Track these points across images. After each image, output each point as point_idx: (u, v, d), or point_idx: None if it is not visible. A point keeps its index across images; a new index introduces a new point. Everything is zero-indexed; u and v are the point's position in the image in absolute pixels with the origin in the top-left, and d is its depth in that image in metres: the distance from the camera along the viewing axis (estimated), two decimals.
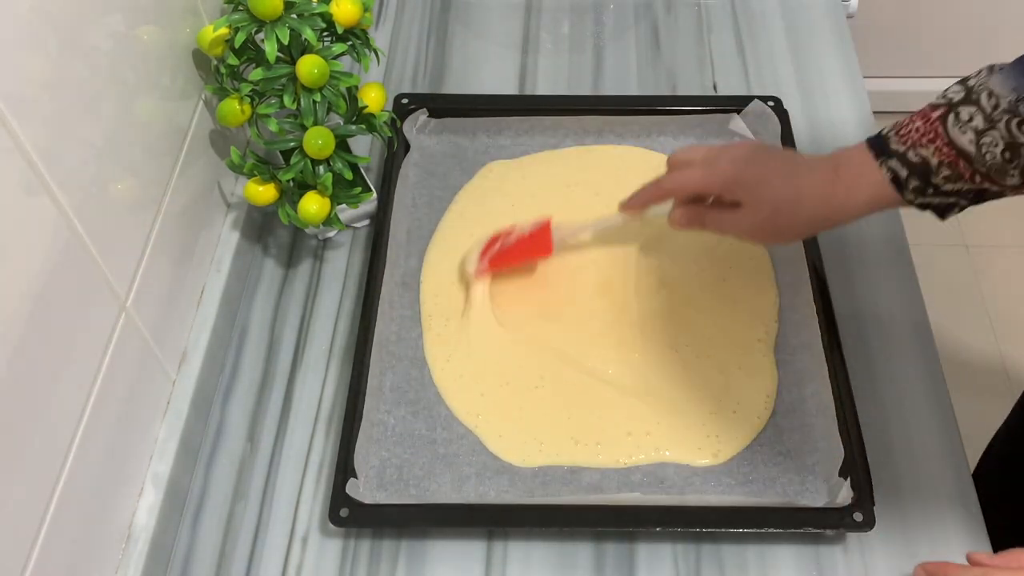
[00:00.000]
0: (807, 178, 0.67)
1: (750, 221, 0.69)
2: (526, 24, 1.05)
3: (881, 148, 0.65)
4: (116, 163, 0.63)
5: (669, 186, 0.73)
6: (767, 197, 0.67)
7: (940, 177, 0.63)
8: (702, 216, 0.72)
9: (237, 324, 0.81)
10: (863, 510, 0.65)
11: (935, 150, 0.63)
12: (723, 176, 0.69)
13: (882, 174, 0.64)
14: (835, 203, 0.66)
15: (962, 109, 0.62)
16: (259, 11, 0.69)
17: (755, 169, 0.68)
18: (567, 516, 0.67)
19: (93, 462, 0.60)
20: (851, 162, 0.66)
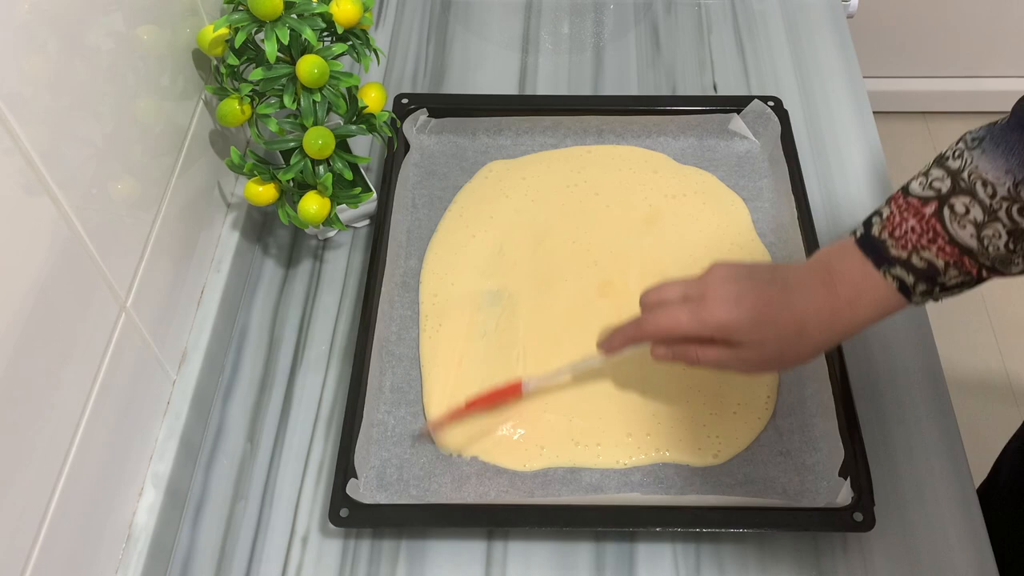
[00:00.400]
0: (807, 304, 0.61)
1: (755, 360, 0.63)
2: (526, 24, 1.05)
3: (880, 255, 0.60)
4: (116, 163, 0.63)
5: (652, 331, 0.66)
6: (770, 336, 0.62)
7: (947, 277, 0.59)
8: (690, 355, 0.64)
9: (237, 324, 0.81)
10: (863, 510, 0.65)
11: (938, 251, 0.59)
12: (716, 322, 0.62)
13: (887, 284, 0.60)
14: (840, 324, 0.62)
15: (955, 201, 0.58)
16: (259, 11, 0.69)
17: (749, 310, 0.61)
18: (567, 516, 0.67)
19: (93, 462, 0.60)
20: (847, 274, 0.61)
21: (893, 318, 0.79)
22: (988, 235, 0.57)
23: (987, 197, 0.57)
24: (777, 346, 0.62)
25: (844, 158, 0.91)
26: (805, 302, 0.61)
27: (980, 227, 0.57)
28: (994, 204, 0.57)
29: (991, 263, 0.58)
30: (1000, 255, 0.58)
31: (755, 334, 0.61)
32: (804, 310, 0.61)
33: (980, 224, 0.57)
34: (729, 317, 0.61)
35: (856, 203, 0.87)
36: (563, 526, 0.68)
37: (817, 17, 1.04)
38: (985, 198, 0.57)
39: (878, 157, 0.91)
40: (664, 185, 0.87)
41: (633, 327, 0.67)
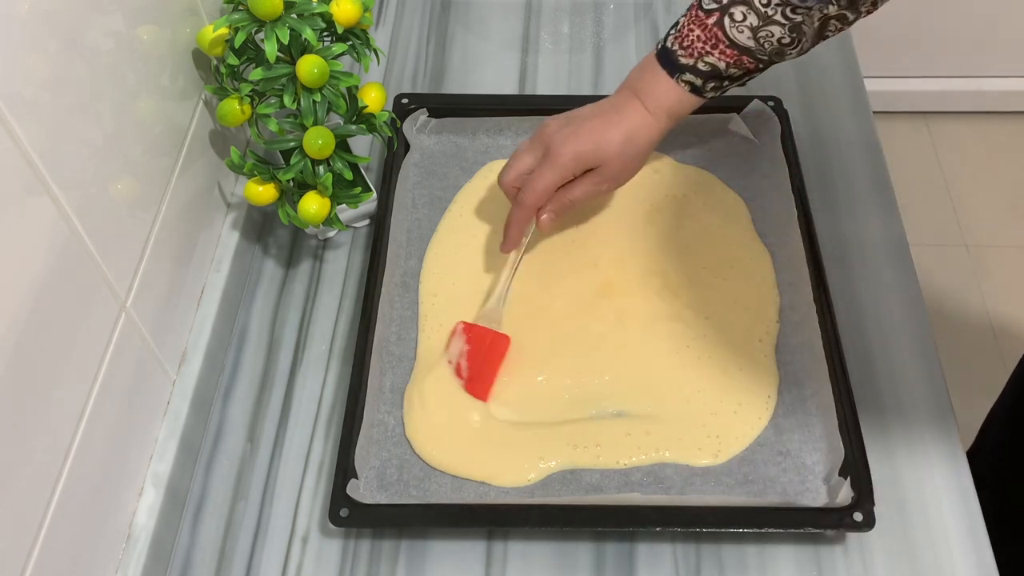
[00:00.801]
0: (625, 119, 0.74)
1: (607, 176, 0.75)
2: (526, 24, 1.05)
3: (673, 65, 0.72)
4: (116, 163, 0.63)
5: (532, 200, 0.75)
6: (610, 152, 0.74)
7: (728, 74, 0.72)
8: (566, 199, 0.76)
9: (237, 324, 0.81)
10: (863, 510, 0.65)
11: (719, 54, 0.71)
12: (569, 157, 0.73)
13: (680, 88, 0.73)
14: (655, 127, 0.74)
15: (734, 10, 0.69)
16: (259, 11, 0.69)
17: (588, 136, 0.73)
18: (567, 516, 0.67)
19: (93, 462, 0.60)
20: (648, 85, 0.74)
21: (892, 318, 0.79)
22: (763, 36, 0.69)
23: (761, 5, 0.68)
24: (619, 157, 0.74)
25: (844, 158, 0.91)
26: (626, 120, 0.74)
27: (755, 31, 0.69)
28: (768, 11, 0.68)
29: (768, 57, 0.71)
30: (775, 49, 0.70)
31: (600, 156, 0.74)
32: (627, 127, 0.74)
33: (755, 28, 0.69)
34: (578, 151, 0.73)
35: (856, 203, 0.87)
36: (563, 526, 0.68)
37: None
38: (760, 6, 0.68)
39: (878, 157, 0.91)
40: (664, 185, 0.87)
41: (517, 211, 0.76)
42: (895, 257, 0.84)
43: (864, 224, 0.86)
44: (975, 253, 1.86)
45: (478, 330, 0.76)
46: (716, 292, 0.79)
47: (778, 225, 0.83)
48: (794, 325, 0.77)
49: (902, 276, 0.82)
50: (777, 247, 0.82)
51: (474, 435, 0.72)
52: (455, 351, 0.75)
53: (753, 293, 0.79)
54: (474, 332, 0.76)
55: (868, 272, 0.83)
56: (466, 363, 0.75)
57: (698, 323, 0.78)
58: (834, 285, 0.79)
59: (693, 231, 0.84)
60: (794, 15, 0.68)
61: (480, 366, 0.74)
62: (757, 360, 0.75)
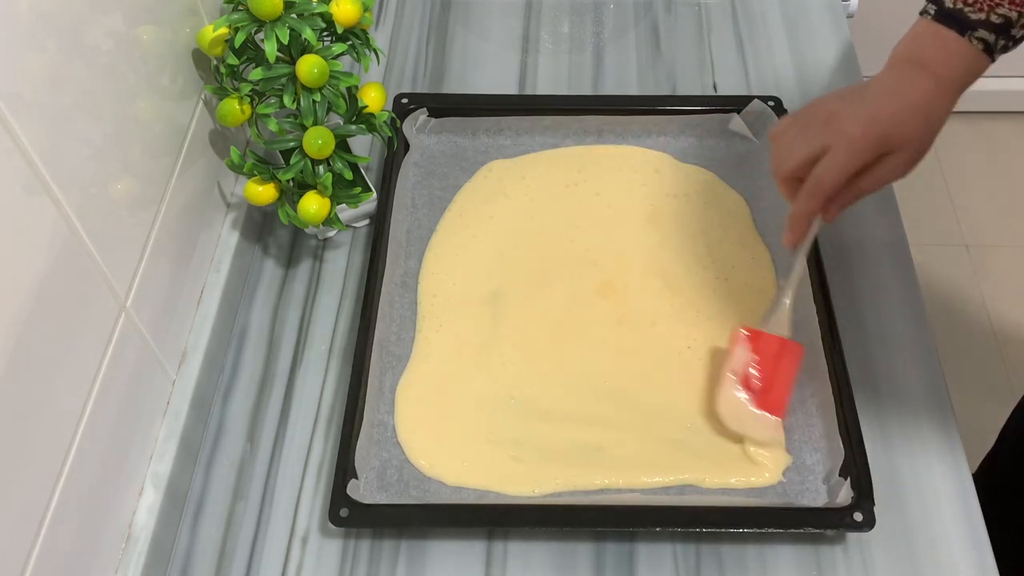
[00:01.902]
0: (920, 92, 0.67)
1: (907, 159, 0.67)
2: (526, 24, 1.05)
3: (963, 23, 0.66)
4: (116, 163, 0.63)
5: (827, 190, 0.67)
6: (912, 133, 0.66)
7: (1017, 27, 0.66)
8: (859, 189, 0.68)
9: (237, 324, 0.81)
10: (863, 510, 0.65)
11: (1009, 4, 0.65)
12: (867, 143, 0.66)
13: (972, 48, 0.66)
14: (948, 99, 0.68)
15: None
16: (259, 11, 0.69)
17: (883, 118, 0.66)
18: (567, 516, 0.67)
19: (93, 462, 0.60)
20: (936, 53, 0.67)
21: (893, 318, 0.79)
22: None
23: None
24: (923, 142, 0.67)
25: None
26: (921, 94, 0.66)
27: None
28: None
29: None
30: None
31: (900, 137, 0.66)
32: (925, 101, 0.66)
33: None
34: (876, 132, 0.65)
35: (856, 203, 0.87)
36: (563, 526, 0.68)
37: (817, 17, 1.04)
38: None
39: None
40: (665, 184, 0.87)
41: (807, 202, 0.69)
42: (895, 257, 0.84)
43: (864, 224, 0.86)
44: (975, 253, 1.86)
45: (764, 337, 0.71)
46: (718, 292, 0.79)
47: (778, 225, 0.83)
48: (794, 325, 0.77)
49: (902, 276, 0.82)
50: (777, 247, 0.82)
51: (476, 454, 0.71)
52: (740, 362, 0.70)
53: (755, 292, 0.79)
54: (759, 340, 0.70)
55: (868, 272, 0.83)
56: (756, 374, 0.69)
57: (699, 323, 0.77)
58: (834, 285, 0.79)
59: (694, 231, 0.84)
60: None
61: (772, 376, 0.69)
62: None
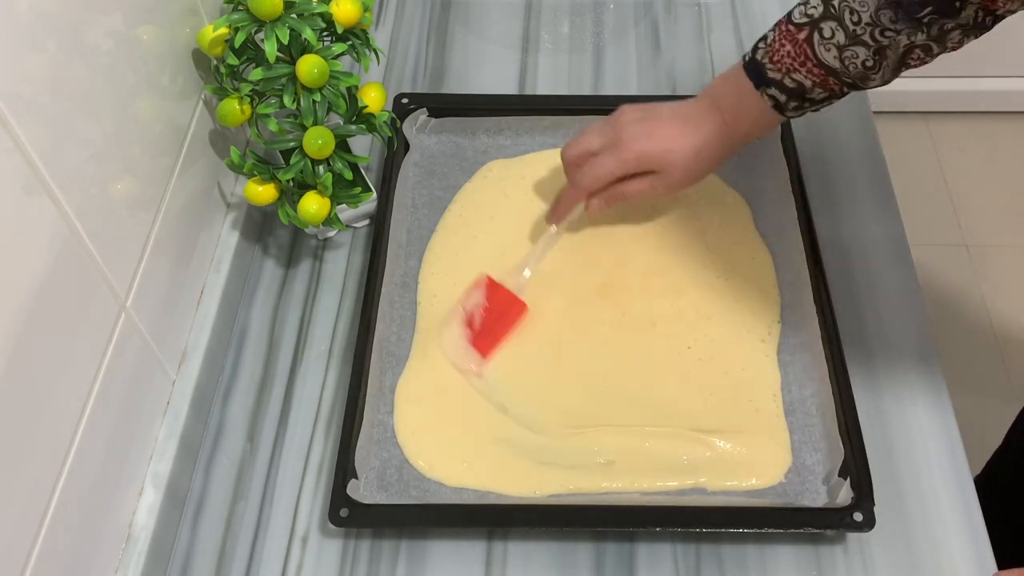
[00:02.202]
0: (702, 130, 0.74)
1: (665, 183, 0.75)
2: (526, 24, 1.05)
3: (760, 77, 0.72)
4: (116, 163, 0.63)
5: (588, 183, 0.77)
6: (676, 162, 0.74)
7: (813, 94, 0.71)
8: (619, 192, 0.77)
9: (237, 324, 0.81)
10: (863, 510, 0.65)
11: (807, 72, 0.70)
12: (636, 157, 0.74)
13: (763, 102, 0.72)
14: (728, 141, 0.75)
15: (824, 26, 0.68)
16: (259, 11, 0.69)
17: (660, 140, 0.74)
18: (567, 516, 0.67)
19: (93, 462, 0.60)
20: (730, 96, 0.74)
21: (893, 318, 0.79)
22: (848, 56, 0.68)
23: (851, 24, 0.67)
24: (683, 169, 0.75)
25: (844, 158, 0.91)
26: (699, 131, 0.74)
27: (842, 49, 0.68)
28: (858, 29, 0.67)
29: (852, 80, 0.70)
30: (859, 73, 0.69)
31: (664, 161, 0.74)
32: (701, 137, 0.74)
33: (842, 47, 0.68)
34: (645, 150, 0.74)
35: (856, 204, 0.87)
36: (563, 526, 0.68)
37: None
38: (849, 24, 0.67)
39: (878, 157, 0.91)
40: None
41: (571, 189, 0.78)
42: (895, 257, 0.84)
43: (864, 224, 0.86)
44: (975, 253, 1.86)
45: (500, 290, 0.77)
46: (718, 292, 0.79)
47: (778, 225, 0.83)
48: (794, 325, 0.77)
49: (902, 276, 0.82)
50: (777, 247, 0.82)
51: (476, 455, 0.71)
52: (472, 302, 0.77)
53: (755, 292, 0.79)
54: (495, 290, 0.77)
55: (868, 272, 0.83)
56: (480, 317, 0.76)
57: (700, 324, 0.77)
58: (834, 285, 0.79)
59: (694, 230, 0.83)
60: (882, 38, 0.66)
61: (493, 324, 0.76)
62: (760, 360, 0.75)
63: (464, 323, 0.76)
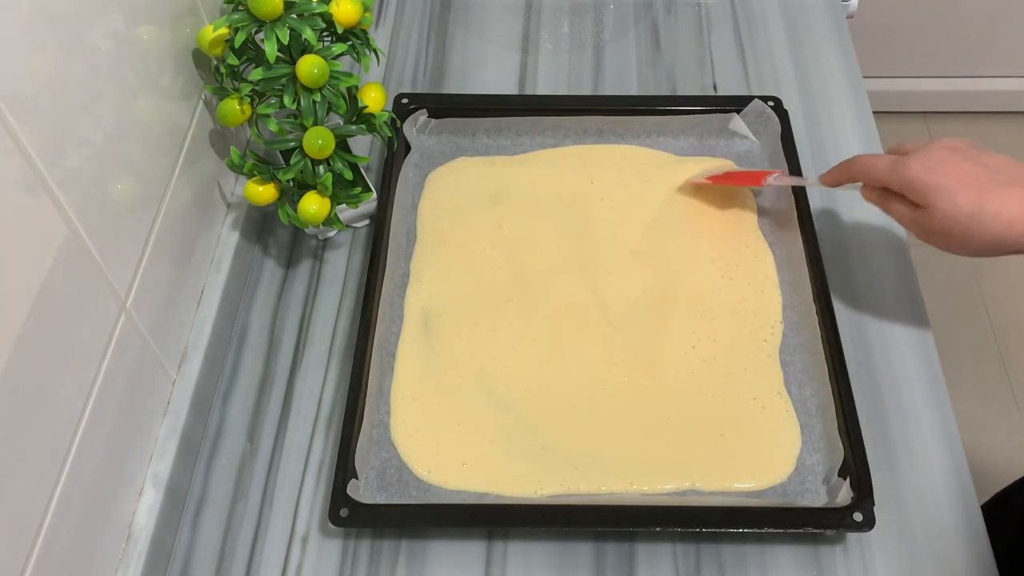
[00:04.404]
0: (1001, 194, 0.61)
1: (922, 225, 0.66)
2: (526, 24, 1.05)
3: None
4: (116, 163, 0.63)
5: (857, 169, 0.71)
6: (945, 209, 0.63)
7: None
8: (885, 203, 0.69)
9: (237, 324, 0.81)
10: (863, 510, 0.65)
11: None
12: (904, 176, 0.65)
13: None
14: (1016, 233, 0.61)
15: None
16: (259, 11, 0.69)
17: (942, 175, 0.63)
18: (567, 516, 0.67)
19: (93, 462, 0.60)
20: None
21: (893, 319, 0.79)
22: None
23: None
24: (947, 223, 0.63)
25: (844, 158, 0.91)
26: (998, 192, 0.61)
27: None
28: None
29: None
30: None
31: (931, 200, 0.63)
32: (990, 201, 0.61)
33: None
34: (917, 175, 0.64)
35: (856, 204, 0.87)
36: (563, 526, 0.68)
37: (817, 17, 1.04)
38: None
39: None
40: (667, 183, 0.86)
41: (846, 162, 0.72)
42: (895, 257, 0.84)
43: (864, 224, 0.86)
44: None
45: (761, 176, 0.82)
46: (721, 292, 0.79)
47: (778, 225, 0.83)
48: (794, 325, 0.77)
49: (902, 276, 0.82)
50: (777, 247, 0.82)
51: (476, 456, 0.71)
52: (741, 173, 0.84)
53: (756, 292, 0.79)
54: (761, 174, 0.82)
55: (868, 272, 0.83)
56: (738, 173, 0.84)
57: (703, 323, 0.77)
58: (834, 285, 0.79)
59: (697, 229, 0.83)
60: None
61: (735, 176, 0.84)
62: (762, 361, 0.75)
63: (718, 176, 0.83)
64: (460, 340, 0.77)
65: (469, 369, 0.75)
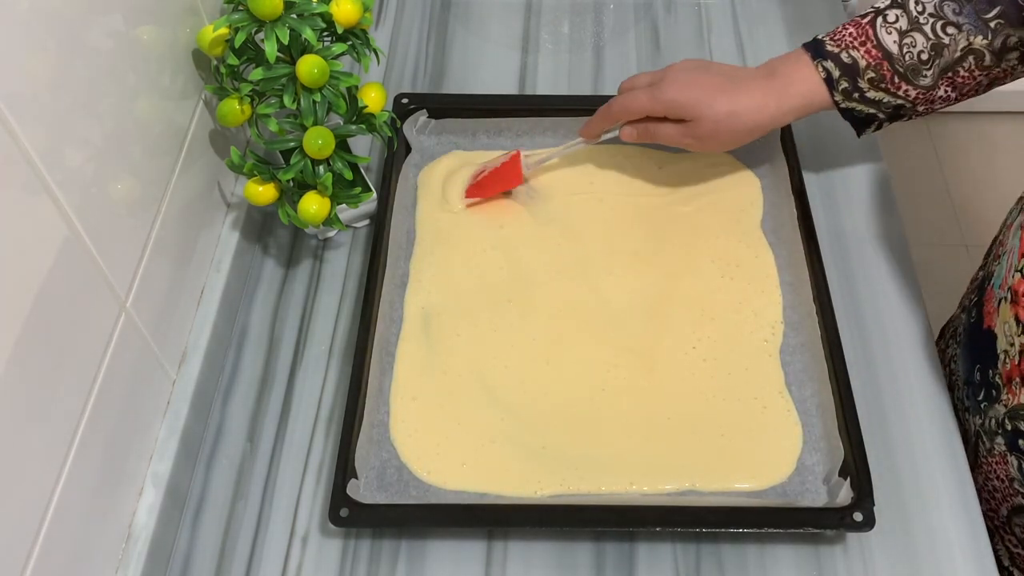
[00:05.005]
0: (744, 92, 0.75)
1: (693, 135, 0.76)
2: (526, 24, 1.05)
3: (817, 50, 0.75)
4: (116, 163, 0.63)
5: (617, 110, 0.78)
6: (707, 115, 0.74)
7: (865, 80, 0.74)
8: (651, 131, 0.78)
9: (237, 324, 0.81)
10: (863, 510, 0.65)
11: (864, 52, 0.73)
12: (665, 99, 0.75)
13: (817, 73, 0.74)
14: (768, 111, 0.75)
15: (889, 12, 0.73)
16: (259, 11, 0.69)
17: (695, 90, 0.75)
18: (567, 516, 0.67)
19: (93, 462, 0.60)
20: (786, 67, 0.76)
21: (893, 319, 0.79)
22: (907, 44, 0.72)
23: (915, 11, 0.72)
24: (712, 122, 0.75)
25: (844, 158, 0.91)
26: (743, 93, 0.75)
27: (902, 35, 0.72)
28: (921, 18, 0.72)
29: (904, 71, 0.73)
30: (913, 64, 0.72)
31: (695, 112, 0.75)
32: (740, 98, 0.75)
33: (903, 32, 0.72)
34: (677, 96, 0.75)
35: (856, 203, 0.87)
36: (563, 526, 0.68)
37: (817, 17, 1.04)
38: (914, 11, 0.72)
39: (878, 157, 0.91)
40: (668, 182, 0.86)
41: (604, 108, 0.79)
42: (895, 257, 0.84)
43: (864, 224, 0.86)
44: (975, 253, 1.86)
45: (516, 163, 0.83)
46: (722, 291, 0.79)
47: (778, 225, 0.83)
48: (794, 325, 0.77)
49: (902, 276, 0.82)
50: (777, 247, 0.82)
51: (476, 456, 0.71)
52: (492, 164, 0.84)
53: (757, 293, 0.79)
54: (513, 163, 0.83)
55: (868, 272, 0.83)
56: (487, 174, 0.84)
57: (703, 323, 0.77)
58: (834, 285, 0.79)
59: (697, 228, 0.83)
60: (942, 33, 0.71)
61: (489, 181, 0.84)
62: (762, 361, 0.75)
63: (474, 175, 0.84)
64: (460, 340, 0.77)
65: (469, 369, 0.75)
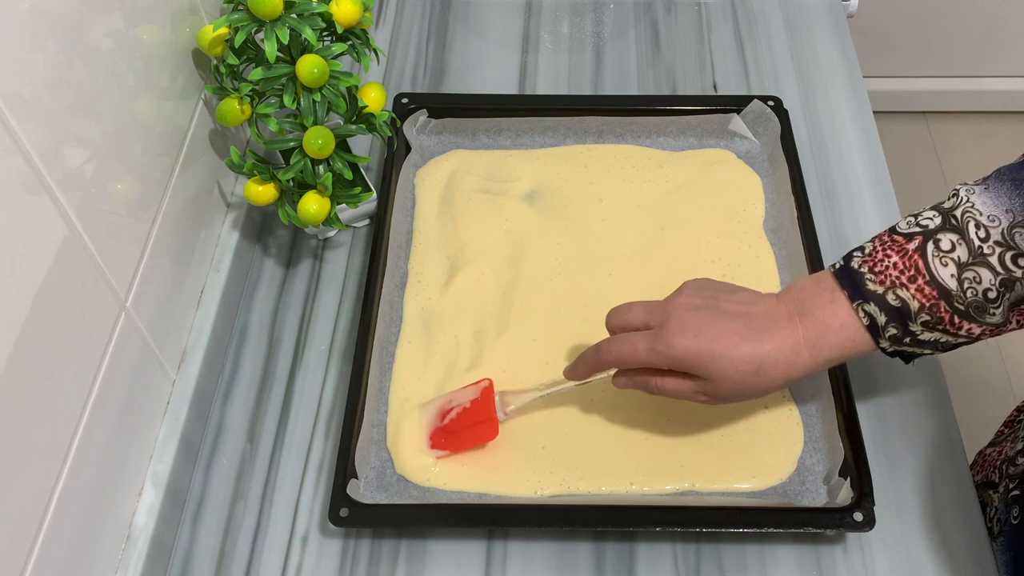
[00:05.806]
0: (770, 341, 0.60)
1: (708, 392, 0.62)
2: (526, 24, 1.05)
3: (856, 288, 0.59)
4: (116, 163, 0.63)
5: (611, 360, 0.65)
6: (728, 375, 0.60)
7: (918, 323, 0.58)
8: (651, 386, 0.65)
9: (237, 324, 0.81)
10: (863, 510, 0.65)
11: (916, 290, 0.58)
12: (672, 355, 0.61)
13: (856, 321, 0.59)
14: (799, 365, 0.61)
15: (941, 237, 0.58)
16: (259, 11, 0.69)
17: (709, 341, 0.60)
18: (567, 516, 0.67)
19: (93, 462, 0.60)
20: (819, 307, 0.60)
21: None
22: (968, 278, 0.56)
23: (977, 239, 0.56)
24: (734, 382, 0.61)
25: (844, 158, 0.91)
26: (766, 341, 0.60)
27: (962, 268, 0.56)
28: (985, 247, 0.56)
29: (965, 308, 0.57)
30: (977, 302, 0.57)
31: (710, 369, 0.60)
32: (763, 350, 0.60)
33: (963, 265, 0.56)
34: (687, 351, 0.60)
35: (856, 204, 0.87)
36: (563, 526, 0.68)
37: (817, 17, 1.04)
38: (975, 239, 0.56)
39: (878, 157, 0.91)
40: (669, 181, 0.86)
41: (593, 354, 0.66)
42: None
43: (864, 224, 0.86)
44: None
45: (490, 402, 0.70)
46: None
47: (778, 225, 0.83)
48: None
49: None
50: (777, 247, 0.82)
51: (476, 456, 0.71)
52: (464, 397, 0.71)
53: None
54: (486, 400, 0.70)
55: None
56: (456, 415, 0.70)
57: None
58: None
59: (697, 227, 0.83)
60: (1013, 266, 0.56)
61: (459, 430, 0.70)
62: None
63: (441, 410, 0.71)
64: (460, 340, 0.77)
65: (469, 369, 0.75)
